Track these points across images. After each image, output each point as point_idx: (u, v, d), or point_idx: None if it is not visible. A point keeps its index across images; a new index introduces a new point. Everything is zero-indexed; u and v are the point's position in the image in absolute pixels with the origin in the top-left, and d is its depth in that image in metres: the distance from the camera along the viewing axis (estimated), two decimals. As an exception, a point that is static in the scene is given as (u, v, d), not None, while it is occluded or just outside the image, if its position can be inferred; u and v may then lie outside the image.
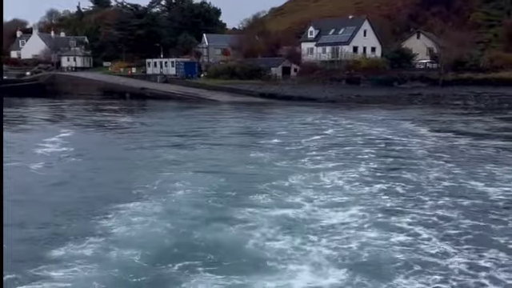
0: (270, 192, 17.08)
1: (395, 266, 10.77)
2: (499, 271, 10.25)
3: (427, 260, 11.05)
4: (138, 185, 18.48)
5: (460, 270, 10.44)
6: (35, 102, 70.75)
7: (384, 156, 24.62)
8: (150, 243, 12.63)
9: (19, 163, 22.42)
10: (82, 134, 35.74)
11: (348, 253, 11.54)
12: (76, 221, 14.36)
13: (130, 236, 13.21)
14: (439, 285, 9.76)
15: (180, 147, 28.84)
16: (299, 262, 11.01)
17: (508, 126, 38.95)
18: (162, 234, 13.41)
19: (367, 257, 11.34)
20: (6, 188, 14.14)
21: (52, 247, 12.28)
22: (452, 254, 11.32)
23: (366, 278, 10.15)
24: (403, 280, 10.10)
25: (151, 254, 11.95)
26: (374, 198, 16.33)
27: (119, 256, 11.86)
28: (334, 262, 10.99)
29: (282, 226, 13.46)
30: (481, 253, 11.27)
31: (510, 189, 17.23)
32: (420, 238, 12.41)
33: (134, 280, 10.71)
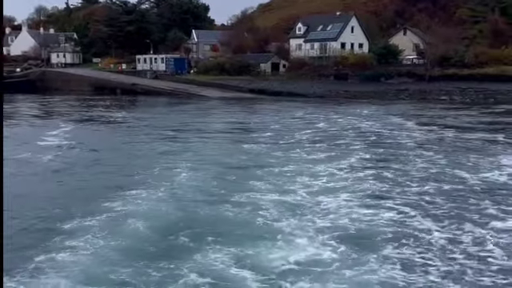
0: (267, 179, 18.20)
1: (383, 239, 11.99)
2: (473, 243, 11.59)
3: (412, 234, 12.29)
4: (140, 172, 19.72)
5: (440, 243, 11.69)
6: (27, 98, 71.26)
7: (374, 147, 25.76)
8: (157, 219, 13.85)
9: (28, 155, 23.71)
10: (81, 128, 36.62)
11: (341, 228, 12.77)
12: (86, 202, 15.54)
13: (138, 213, 14.39)
14: (423, 254, 10.94)
15: (175, 140, 29.86)
16: (298, 236, 12.18)
17: (492, 119, 40.19)
18: (168, 211, 14.61)
19: (358, 231, 12.60)
20: (21, 176, 15.58)
21: (65, 222, 13.46)
22: (434, 229, 12.58)
23: (357, 248, 11.36)
24: (391, 250, 11.28)
25: (160, 227, 13.22)
26: (364, 184, 17.50)
27: (129, 229, 13.10)
28: (328, 236, 12.16)
29: (281, 207, 14.62)
30: (458, 229, 12.58)
31: (489, 176, 18.48)
32: (406, 217, 13.67)
33: (147, 247, 11.95)
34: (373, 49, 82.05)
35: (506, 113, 45.76)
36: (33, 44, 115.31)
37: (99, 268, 10.80)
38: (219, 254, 11.17)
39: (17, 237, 12.47)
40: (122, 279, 10.31)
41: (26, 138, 30.22)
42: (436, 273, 10.05)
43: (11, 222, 13.36)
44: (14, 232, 12.75)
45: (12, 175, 18.39)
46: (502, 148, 25.24)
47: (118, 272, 10.58)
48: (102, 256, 11.47)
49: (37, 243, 12.05)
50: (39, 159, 22.91)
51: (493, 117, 42.34)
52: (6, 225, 12.16)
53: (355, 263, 10.62)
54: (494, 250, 11.25)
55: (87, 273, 10.52)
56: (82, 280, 10.17)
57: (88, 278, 10.28)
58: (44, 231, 12.92)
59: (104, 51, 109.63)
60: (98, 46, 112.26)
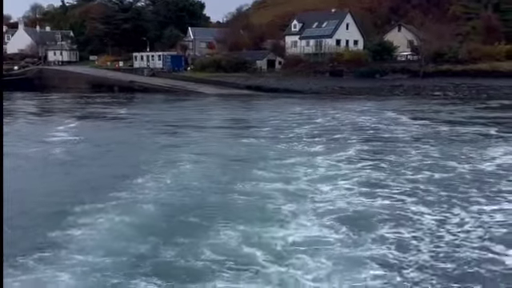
0: (269, 169, 19.19)
1: (379, 220, 13.04)
2: (459, 225, 12.69)
3: (405, 216, 13.38)
4: (146, 163, 20.65)
5: (431, 224, 12.77)
6: (26, 95, 72.03)
7: (370, 140, 26.75)
8: (167, 203, 14.86)
9: (40, 149, 24.78)
10: (86, 124, 37.56)
11: (340, 211, 13.82)
12: (97, 189, 16.54)
13: (148, 198, 15.40)
14: (415, 234, 11.98)
15: (177, 135, 30.89)
16: (301, 218, 13.22)
17: (485, 114, 41.16)
18: (176, 197, 15.60)
19: (356, 214, 13.67)
20: (34, 168, 16.65)
21: (79, 205, 14.49)
22: (425, 213, 13.66)
23: (355, 228, 12.37)
24: (385, 230, 12.31)
25: (170, 210, 14.26)
26: (361, 173, 18.54)
27: (141, 210, 14.15)
28: (328, 218, 13.18)
29: (284, 193, 15.61)
30: (448, 213, 13.64)
31: (478, 166, 19.56)
32: (400, 202, 14.75)
33: (160, 225, 13.03)
34: (368, 45, 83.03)
35: (498, 108, 46.82)
36: (29, 42, 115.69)
37: (115, 243, 11.80)
38: (230, 232, 12.16)
39: (32, 218, 13.74)
40: (139, 252, 11.26)
41: (35, 133, 31.25)
42: (426, 250, 11.09)
43: (29, 205, 14.74)
44: (31, 214, 14.01)
45: (26, 168, 19.72)
46: (493, 141, 26.21)
47: (134, 246, 11.56)
48: (117, 231, 12.54)
49: (52, 222, 13.12)
50: (50, 153, 23.86)
51: (485, 112, 43.33)
52: (23, 208, 13.33)
53: (353, 241, 11.60)
54: (476, 229, 12.37)
55: (104, 247, 11.49)
56: (99, 253, 11.13)
57: (105, 251, 11.25)
58: (59, 213, 13.89)
59: (100, 49, 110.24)
60: (94, 44, 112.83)
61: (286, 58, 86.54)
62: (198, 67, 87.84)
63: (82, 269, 10.38)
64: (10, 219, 11.66)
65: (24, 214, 13.84)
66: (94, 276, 10.12)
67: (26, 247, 11.42)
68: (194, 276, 10.06)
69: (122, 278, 10.05)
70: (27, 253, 11.10)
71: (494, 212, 13.59)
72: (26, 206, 14.55)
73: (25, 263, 10.62)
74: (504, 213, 13.52)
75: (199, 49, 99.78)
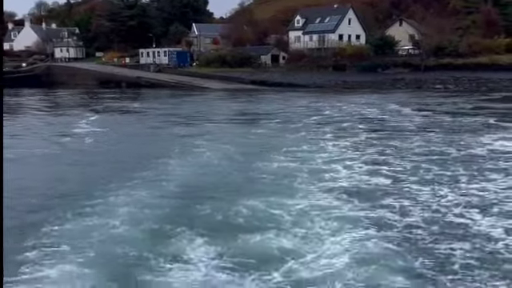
0: (284, 153, 21.35)
1: (380, 193, 15.26)
2: (447, 197, 14.90)
3: (404, 190, 15.58)
4: (167, 149, 22.91)
5: (426, 196, 14.96)
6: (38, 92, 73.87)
7: (376, 130, 28.94)
8: (192, 179, 17.24)
9: (72, 139, 27.14)
10: (105, 117, 39.37)
11: (349, 186, 16.12)
12: (127, 170, 18.87)
13: (175, 174, 17.78)
14: (411, 203, 14.25)
15: (191, 126, 33.02)
16: (316, 191, 15.46)
17: (484, 105, 42.84)
18: (200, 174, 17.95)
19: (363, 188, 15.90)
20: (70, 155, 19.35)
21: (112, 181, 16.90)
22: (422, 187, 15.86)
23: (361, 199, 14.53)
24: (386, 201, 14.51)
25: (197, 185, 16.56)
26: (368, 156, 20.79)
27: (171, 184, 16.48)
28: (339, 191, 15.44)
29: (299, 172, 17.87)
30: (438, 187, 15.90)
31: (472, 151, 21.65)
32: (400, 178, 16.96)
33: (191, 193, 15.46)
34: (370, 40, 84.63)
35: (498, 100, 48.50)
36: (35, 39, 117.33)
37: (149, 209, 13.90)
38: (255, 202, 14.27)
39: (82, 185, 16.77)
40: (178, 209, 13.80)
41: (62, 126, 33.31)
42: (418, 216, 13.27)
43: (72, 176, 17.59)
44: (79, 183, 16.96)
45: (65, 154, 22.58)
46: (491, 129, 28.00)
47: (169, 210, 13.87)
48: (154, 197, 14.99)
49: (90, 191, 15.79)
50: (82, 142, 26.17)
51: (485, 103, 45.02)
52: (72, 179, 15.73)
53: (359, 208, 13.82)
54: (458, 199, 14.66)
55: (137, 212, 13.62)
56: (131, 219, 13.18)
57: (142, 213, 13.50)
58: (93, 189, 16.11)
59: (106, 45, 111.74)
60: (100, 41, 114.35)
61: (290, 53, 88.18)
62: (203, 63, 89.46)
63: (127, 217, 13.13)
64: (69, 183, 16.89)
65: (73, 182, 17.24)
66: (140, 223, 12.82)
67: (85, 197, 14.70)
68: (230, 229, 12.28)
69: (168, 227, 12.46)
70: (84, 200, 14.45)
71: (473, 186, 15.81)
72: (72, 179, 17.81)
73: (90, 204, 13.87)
74: (481, 187, 15.75)
75: (204, 44, 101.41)
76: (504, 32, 79.40)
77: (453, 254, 10.64)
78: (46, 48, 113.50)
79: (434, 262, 10.27)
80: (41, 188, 16.49)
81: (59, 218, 13.04)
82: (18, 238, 11.44)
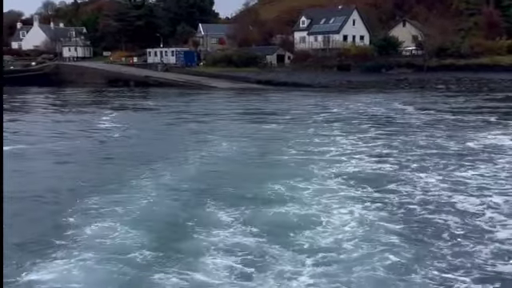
0: (296, 146, 23.30)
1: (383, 178, 17.34)
2: (444, 180, 17.06)
3: (404, 176, 17.65)
4: (186, 142, 25.40)
5: (422, 180, 17.09)
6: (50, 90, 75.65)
7: (382, 126, 30.80)
8: (211, 167, 19.40)
9: (101, 134, 29.43)
10: (124, 114, 41.22)
11: (354, 172, 18.30)
12: (155, 158, 21.30)
13: (196, 162, 20.15)
14: (411, 188, 16.15)
15: (204, 122, 35.09)
16: (327, 178, 17.40)
17: (486, 105, 44.39)
18: (218, 164, 19.93)
19: (370, 175, 17.89)
20: (98, 147, 22.01)
21: (138, 167, 19.33)
22: (419, 174, 17.96)
23: (368, 184, 16.45)
24: (388, 184, 16.60)
25: (216, 171, 18.70)
26: (374, 148, 22.93)
27: (190, 171, 18.64)
28: (348, 178, 17.34)
29: (311, 163, 19.75)
30: (435, 173, 18.10)
31: (469, 144, 23.66)
32: (401, 167, 19.07)
33: (212, 179, 17.40)
34: (373, 41, 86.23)
35: (499, 99, 50.04)
36: (44, 38, 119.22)
37: (172, 192, 15.81)
38: (274, 183, 16.33)
39: (117, 168, 19.46)
40: (203, 190, 15.88)
41: (86, 122, 35.19)
42: (412, 195, 15.47)
43: (114, 161, 19.93)
44: (115, 167, 19.40)
45: (100, 146, 25.37)
46: (490, 126, 29.68)
47: (195, 188, 16.05)
48: (180, 179, 17.25)
49: (129, 173, 18.49)
50: (109, 136, 28.55)
51: (487, 102, 46.61)
52: (107, 166, 19.22)
53: (364, 189, 15.92)
54: (447, 183, 16.79)
55: (170, 188, 15.87)
56: (168, 192, 15.50)
57: (175, 188, 15.83)
58: (132, 171, 18.71)
59: (113, 45, 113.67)
60: (107, 40, 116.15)
61: (295, 53, 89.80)
62: (209, 62, 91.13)
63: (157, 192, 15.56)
64: (113, 167, 20.02)
65: (115, 165, 20.43)
66: (174, 194, 15.35)
67: (128, 176, 17.67)
68: (254, 203, 14.34)
69: (197, 201, 14.75)
70: (128, 178, 17.59)
71: (461, 174, 17.89)
72: (115, 163, 20.92)
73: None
74: (469, 174, 17.81)
75: (210, 44, 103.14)
76: (505, 33, 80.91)
77: (438, 222, 12.90)
78: (54, 47, 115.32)
79: (422, 227, 12.57)
80: (92, 171, 19.36)
81: (112, 189, 16.08)
82: (75, 199, 15.01)
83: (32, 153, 23.48)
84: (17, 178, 17.05)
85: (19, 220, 12.93)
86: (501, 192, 15.36)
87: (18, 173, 18.04)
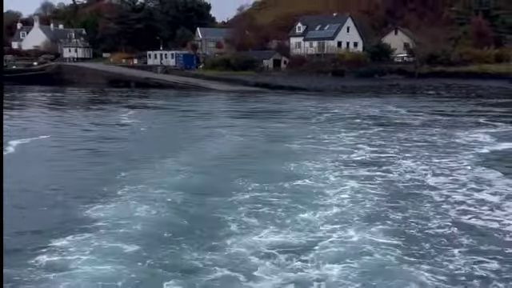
0: (302, 143, 26.06)
1: (378, 164, 20.68)
2: (424, 166, 20.54)
3: (393, 162, 21.11)
4: (199, 135, 29.14)
5: (408, 166, 20.49)
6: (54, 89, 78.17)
7: (380, 125, 34.15)
8: (224, 153, 22.82)
9: (126, 128, 32.83)
10: (140, 112, 43.91)
11: (355, 159, 21.65)
12: (176, 146, 24.67)
13: (209, 151, 23.58)
14: (397, 171, 19.51)
15: (212, 120, 38.56)
16: (329, 161, 20.90)
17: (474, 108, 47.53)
18: (231, 149, 23.74)
19: (364, 160, 21.43)
20: (123, 141, 26.11)
21: (167, 153, 22.60)
22: (407, 161, 21.35)
23: (368, 168, 19.81)
24: (381, 168, 19.92)
25: (230, 156, 22.19)
26: (373, 142, 26.47)
27: (207, 156, 22.11)
28: (350, 164, 20.65)
29: (317, 152, 23.08)
30: (419, 161, 21.50)
31: (457, 140, 27.17)
32: (392, 156, 22.56)
33: (230, 163, 20.68)
34: (367, 47, 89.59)
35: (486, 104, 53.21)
36: (44, 39, 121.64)
37: (200, 169, 19.14)
38: (288, 165, 19.80)
39: (149, 152, 23.05)
40: (224, 168, 19.54)
41: (107, 120, 37.94)
42: (397, 175, 18.85)
43: (144, 148, 22.01)
44: (141, 155, 22.31)
45: (130, 137, 28.98)
46: (477, 127, 32.88)
47: (215, 168, 19.55)
48: (200, 160, 20.81)
49: (157, 156, 21.88)
50: (134, 129, 32.13)
51: (475, 107, 49.75)
52: (137, 153, 23.55)
53: (362, 171, 19.31)
54: (425, 169, 19.96)
55: (178, 178, 18.23)
56: (194, 169, 18.93)
57: (199, 167, 19.42)
58: (159, 155, 22.16)
59: (113, 47, 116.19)
60: (107, 42, 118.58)
61: (291, 57, 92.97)
62: (208, 65, 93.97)
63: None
64: (145, 151, 23.44)
65: (147, 149, 23.53)
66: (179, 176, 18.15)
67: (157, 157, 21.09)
68: (271, 178, 17.50)
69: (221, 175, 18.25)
70: (157, 159, 21.11)
71: (440, 161, 21.34)
72: (146, 149, 24.28)
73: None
74: (445, 161, 21.28)
75: (208, 48, 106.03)
76: (493, 42, 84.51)
77: (410, 192, 16.46)
78: (54, 48, 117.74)
79: (399, 193, 16.26)
80: (131, 155, 22.71)
81: (148, 166, 19.63)
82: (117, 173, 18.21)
83: (82, 140, 27.74)
84: (67, 161, 20.96)
85: (62, 190, 16.26)
86: (461, 172, 19.10)
87: (67, 153, 22.17)
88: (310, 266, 10.60)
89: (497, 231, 12.68)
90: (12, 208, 13.38)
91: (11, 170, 15.87)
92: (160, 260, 10.75)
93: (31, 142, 25.73)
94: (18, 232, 12.02)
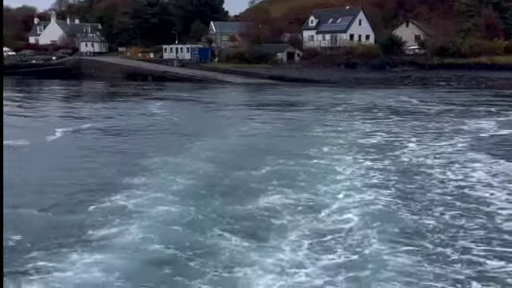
0: (323, 127, 29.03)
1: (389, 147, 23.33)
2: (426, 148, 23.30)
3: (402, 145, 23.81)
4: (225, 122, 32.22)
5: (413, 147, 23.21)
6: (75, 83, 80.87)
7: (394, 114, 36.57)
8: (249, 140, 25.28)
9: (160, 117, 35.35)
10: (167, 103, 46.19)
11: (369, 143, 24.20)
12: (207, 131, 27.88)
13: (238, 133, 27.30)
14: (403, 150, 22.50)
15: (232, 110, 40.91)
16: (347, 148, 23.08)
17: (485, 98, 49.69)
18: (256, 134, 26.71)
19: (378, 144, 24.06)
20: (170, 122, 29.58)
21: (200, 136, 25.76)
22: (413, 144, 24.08)
23: (375, 149, 22.58)
24: (391, 151, 22.48)
25: (253, 145, 24.16)
26: (388, 128, 29.07)
27: (235, 139, 24.91)
28: (364, 147, 23.24)
29: (336, 137, 25.64)
30: (425, 144, 24.03)
31: (464, 127, 29.63)
32: (402, 139, 25.28)
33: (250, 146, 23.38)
34: (379, 40, 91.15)
35: (496, 95, 55.28)
36: (61, 34, 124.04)
37: (227, 153, 21.49)
38: (302, 149, 22.21)
39: (188, 133, 25.71)
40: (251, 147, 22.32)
41: (138, 110, 40.30)
42: (404, 156, 21.52)
43: (182, 130, 24.53)
44: (188, 132, 24.13)
45: (165, 123, 31.76)
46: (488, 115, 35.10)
47: (244, 148, 22.39)
48: (230, 143, 23.67)
49: (190, 138, 25.10)
50: (168, 117, 35.10)
51: (485, 97, 51.92)
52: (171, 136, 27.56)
53: (373, 153, 21.95)
54: (430, 151, 22.62)
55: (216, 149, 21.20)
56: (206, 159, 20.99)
57: (228, 147, 22.12)
58: (184, 138, 25.00)
59: (128, 41, 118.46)
60: (122, 36, 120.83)
61: (304, 50, 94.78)
62: (223, 59, 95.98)
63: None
64: (185, 132, 25.75)
65: (186, 131, 24.02)
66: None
67: (192, 138, 22.15)
68: (290, 159, 20.05)
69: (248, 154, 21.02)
70: (192, 139, 23.71)
71: (440, 144, 24.10)
72: (183, 132, 27.05)
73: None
74: (444, 144, 23.92)
75: (222, 42, 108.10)
76: (503, 34, 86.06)
77: (411, 169, 19.01)
78: (70, 42, 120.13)
79: (407, 172, 18.54)
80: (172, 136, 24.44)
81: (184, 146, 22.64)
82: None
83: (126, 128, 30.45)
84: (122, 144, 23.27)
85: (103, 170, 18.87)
86: (455, 155, 21.67)
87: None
88: (328, 216, 13.51)
89: (475, 196, 15.51)
90: (85, 169, 18.51)
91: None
92: (208, 206, 14.10)
93: (76, 130, 28.37)
94: (100, 179, 16.91)
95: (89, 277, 9.82)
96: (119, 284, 9.64)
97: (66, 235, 11.91)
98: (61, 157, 21.02)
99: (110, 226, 12.42)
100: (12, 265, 9.82)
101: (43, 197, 14.83)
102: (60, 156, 21.22)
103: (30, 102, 47.30)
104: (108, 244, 11.38)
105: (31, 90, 65.64)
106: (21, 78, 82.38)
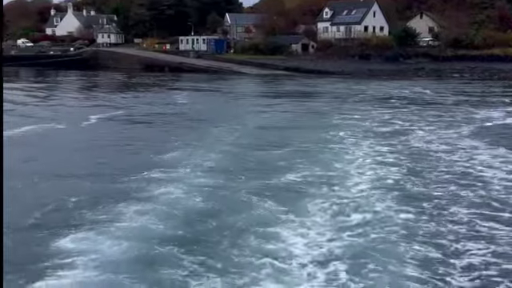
0: (341, 115, 30.67)
1: (402, 133, 25.17)
2: (434, 135, 25.05)
3: (414, 132, 25.66)
4: (245, 110, 34.27)
5: (423, 135, 24.86)
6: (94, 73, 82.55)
7: (410, 104, 38.05)
8: (268, 125, 27.81)
9: (185, 106, 37.51)
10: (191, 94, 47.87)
11: (382, 131, 25.89)
12: (228, 119, 29.84)
13: (255, 123, 28.39)
14: (411, 136, 24.17)
15: (250, 100, 42.95)
16: (361, 132, 25.21)
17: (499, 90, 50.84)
18: (278, 121, 29.13)
19: (392, 132, 25.82)
20: (195, 110, 31.76)
21: (221, 122, 28.09)
22: (424, 132, 25.80)
23: (385, 135, 24.35)
24: (402, 136, 24.47)
25: (267, 131, 26.25)
26: (403, 117, 30.75)
27: (252, 127, 26.94)
28: (378, 133, 25.13)
29: (353, 126, 27.30)
30: (432, 132, 25.67)
31: (473, 116, 31.21)
32: (415, 127, 27.12)
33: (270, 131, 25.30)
34: (393, 32, 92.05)
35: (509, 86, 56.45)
36: (77, 25, 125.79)
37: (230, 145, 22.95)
38: (320, 134, 24.25)
39: (213, 119, 27.35)
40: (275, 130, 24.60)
41: (164, 100, 42.06)
42: (415, 141, 23.43)
43: (206, 117, 25.92)
44: (212, 118, 25.68)
45: (190, 112, 33.85)
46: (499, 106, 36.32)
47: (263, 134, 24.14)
48: (251, 128, 25.90)
49: (213, 123, 27.81)
50: (192, 106, 37.21)
51: (499, 88, 53.12)
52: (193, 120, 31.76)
53: (385, 138, 23.99)
54: (435, 137, 24.50)
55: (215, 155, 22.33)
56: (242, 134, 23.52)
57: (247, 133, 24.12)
58: (209, 122, 26.80)
59: (144, 32, 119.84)
60: (138, 28, 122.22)
61: (319, 42, 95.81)
62: (238, 50, 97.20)
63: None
64: (209, 119, 27.84)
65: (211, 117, 25.73)
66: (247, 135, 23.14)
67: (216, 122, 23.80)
68: (310, 142, 22.09)
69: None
70: (217, 123, 26.66)
71: (448, 131, 25.93)
72: (207, 119, 28.94)
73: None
74: (451, 132, 25.85)
75: (237, 33, 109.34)
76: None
77: (420, 152, 21.12)
78: (87, 34, 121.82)
79: (416, 155, 20.44)
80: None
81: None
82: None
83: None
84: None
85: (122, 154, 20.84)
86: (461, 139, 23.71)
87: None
88: (344, 189, 15.61)
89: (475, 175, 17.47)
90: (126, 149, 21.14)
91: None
92: (231, 182, 16.36)
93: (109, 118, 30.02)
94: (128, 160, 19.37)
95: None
96: (170, 232, 11.99)
97: (119, 194, 14.66)
98: (99, 139, 22.81)
99: (158, 186, 15.21)
100: (75, 219, 12.63)
101: (91, 170, 17.58)
102: (98, 139, 23.03)
103: (56, 92, 49.02)
104: (154, 199, 14.13)
105: (53, 80, 67.37)
106: (40, 68, 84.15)
